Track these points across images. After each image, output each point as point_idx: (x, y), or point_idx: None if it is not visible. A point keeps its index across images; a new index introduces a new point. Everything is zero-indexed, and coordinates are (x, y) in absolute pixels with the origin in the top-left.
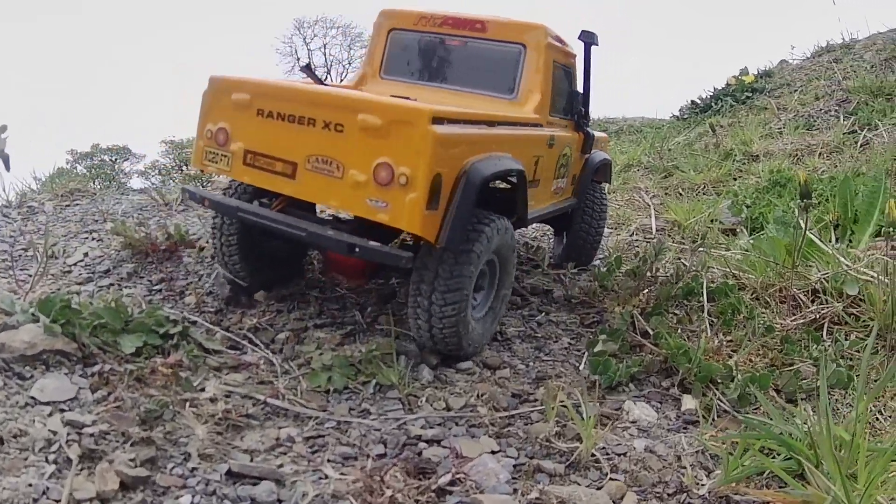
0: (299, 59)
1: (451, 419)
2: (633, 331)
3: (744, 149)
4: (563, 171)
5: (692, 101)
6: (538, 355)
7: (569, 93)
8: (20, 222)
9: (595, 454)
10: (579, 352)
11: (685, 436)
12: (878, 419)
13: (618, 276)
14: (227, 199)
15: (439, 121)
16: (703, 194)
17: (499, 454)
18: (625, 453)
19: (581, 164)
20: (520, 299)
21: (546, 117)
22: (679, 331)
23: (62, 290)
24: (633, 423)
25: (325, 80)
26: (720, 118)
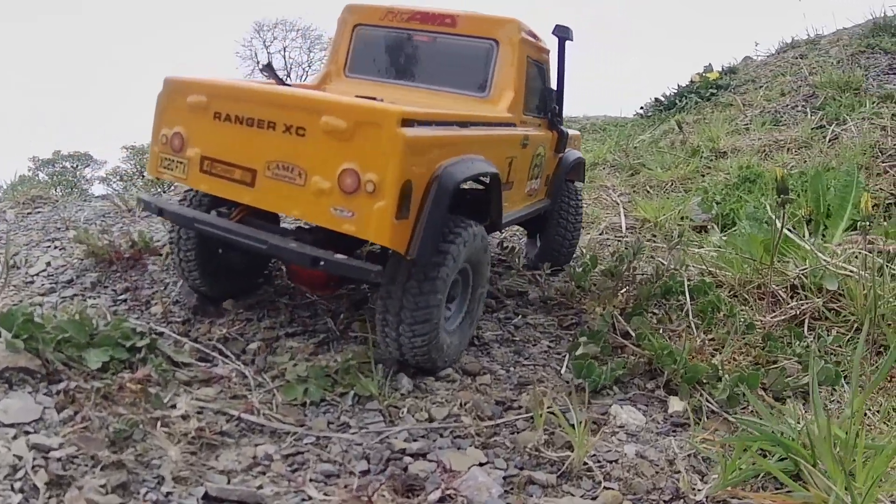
0: (259, 63)
1: (434, 430)
2: (614, 332)
3: (711, 145)
4: (536, 172)
5: (656, 98)
6: (518, 360)
7: (542, 90)
8: None
9: (587, 462)
10: (559, 355)
11: (675, 439)
12: (867, 415)
13: (594, 276)
14: (183, 209)
15: (409, 122)
16: (672, 191)
17: (487, 466)
18: (616, 460)
19: (555, 164)
20: (494, 302)
21: (520, 116)
22: (661, 331)
23: (24, 302)
24: (621, 428)
25: (287, 80)
26: (685, 115)
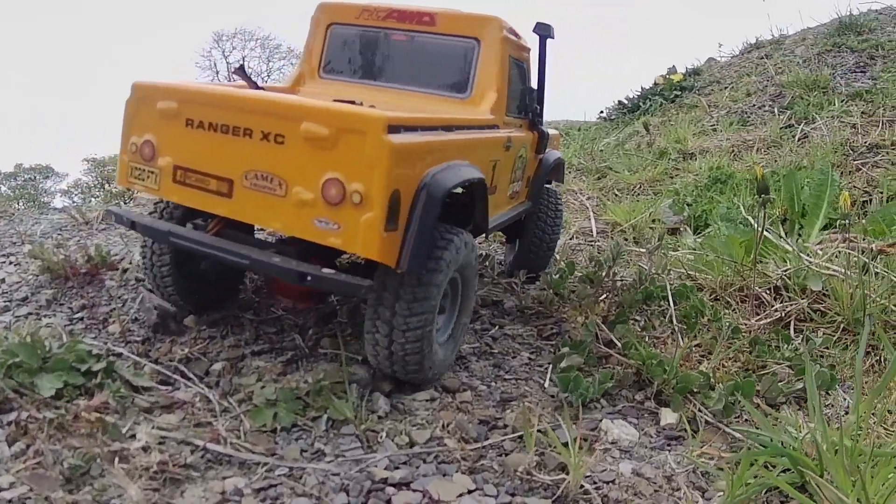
0: (218, 73)
1: (417, 456)
2: (597, 341)
3: (678, 147)
4: (518, 174)
5: (619, 101)
6: (498, 374)
7: (523, 89)
8: None
9: (583, 485)
10: (541, 367)
11: (671, 453)
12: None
13: (572, 283)
14: (157, 222)
15: (395, 129)
16: (641, 194)
17: (476, 493)
18: (612, 480)
19: (535, 165)
20: None
21: (502, 117)
22: (646, 338)
23: None
24: (614, 444)
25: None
26: (650, 118)
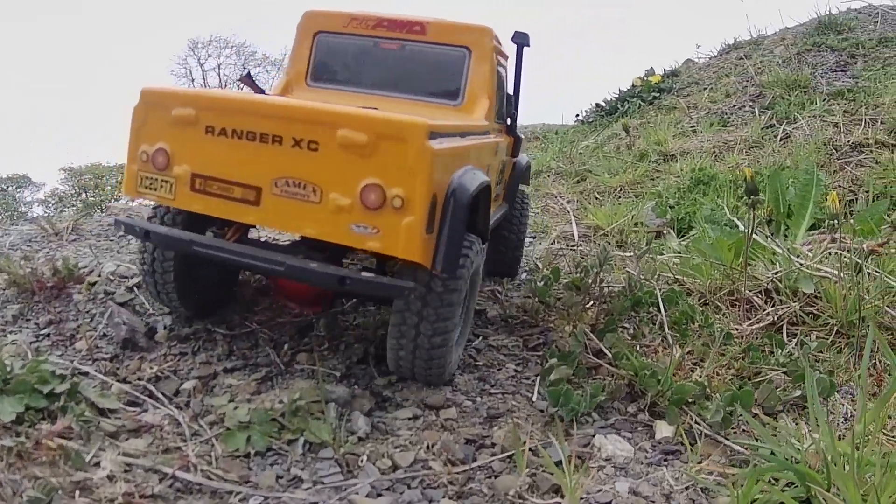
0: (193, 81)
1: (401, 481)
2: (586, 351)
3: (658, 149)
4: (500, 178)
5: (597, 104)
6: (484, 388)
7: (503, 96)
8: None
9: None
10: (528, 380)
11: (668, 469)
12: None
13: (557, 291)
14: (176, 231)
15: (433, 135)
16: (622, 197)
17: None
18: (609, 501)
19: (511, 169)
20: None
21: (492, 123)
22: (637, 347)
23: None
24: (608, 461)
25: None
26: (629, 120)
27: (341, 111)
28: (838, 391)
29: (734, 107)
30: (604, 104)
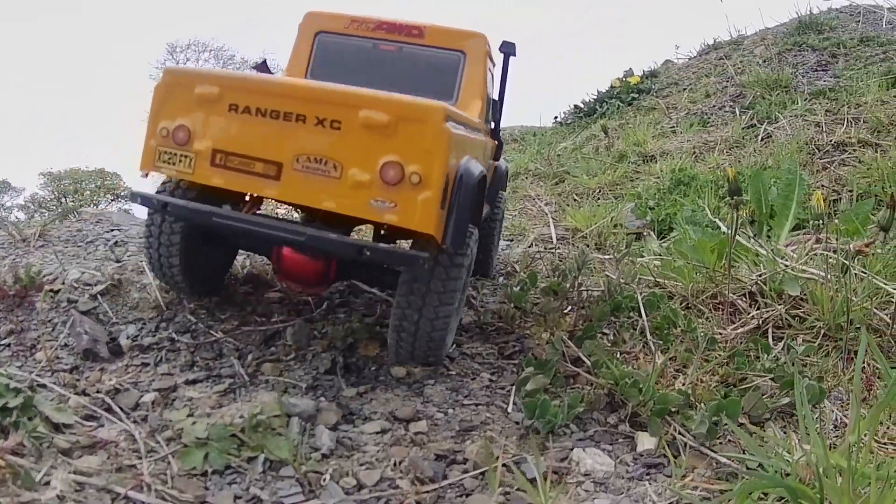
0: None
1: (365, 503)
2: (564, 359)
3: (637, 150)
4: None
5: (575, 105)
6: (457, 398)
7: (489, 100)
8: None
9: None
10: (504, 389)
11: (651, 484)
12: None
13: (534, 296)
14: (195, 204)
15: (448, 119)
16: (600, 198)
17: None
18: None
19: (493, 171)
20: None
21: (483, 125)
22: (617, 354)
23: None
24: (587, 476)
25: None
26: (608, 121)
27: (365, 93)
28: (828, 397)
29: (714, 107)
30: (582, 106)
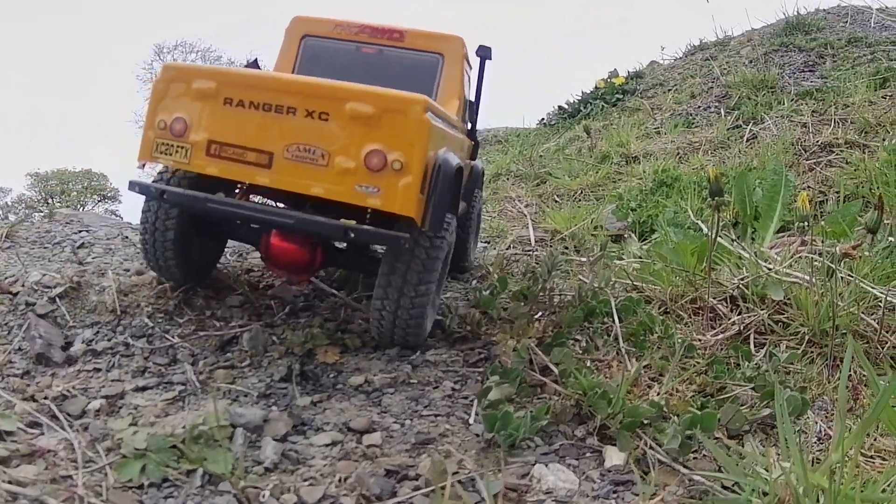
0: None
1: None
2: (531, 366)
3: (621, 151)
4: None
5: (559, 106)
6: (416, 409)
7: (466, 101)
8: None
9: None
10: (466, 399)
11: (617, 503)
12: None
13: (504, 301)
14: (190, 192)
15: (427, 110)
16: (582, 200)
17: None
18: None
19: (469, 171)
20: None
21: (460, 123)
22: (587, 363)
23: None
24: (548, 495)
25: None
26: (591, 122)
27: (351, 87)
28: (812, 407)
29: (699, 108)
30: (566, 106)
